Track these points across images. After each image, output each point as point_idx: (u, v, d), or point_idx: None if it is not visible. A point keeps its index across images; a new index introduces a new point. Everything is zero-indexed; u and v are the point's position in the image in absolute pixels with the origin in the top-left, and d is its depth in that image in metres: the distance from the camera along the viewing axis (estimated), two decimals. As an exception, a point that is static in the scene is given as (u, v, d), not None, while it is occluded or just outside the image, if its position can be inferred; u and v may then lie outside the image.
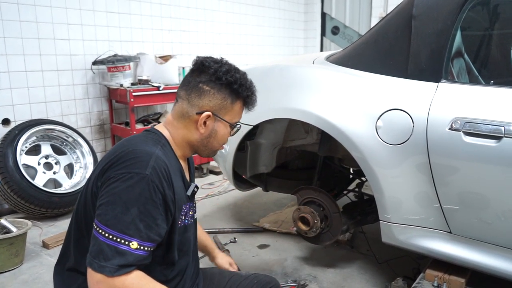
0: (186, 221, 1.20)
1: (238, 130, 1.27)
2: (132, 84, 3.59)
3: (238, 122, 1.25)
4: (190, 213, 1.22)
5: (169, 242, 1.14)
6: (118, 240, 0.99)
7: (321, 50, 6.24)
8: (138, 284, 1.01)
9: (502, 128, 1.48)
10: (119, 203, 1.00)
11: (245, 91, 1.19)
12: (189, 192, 1.20)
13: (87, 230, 1.11)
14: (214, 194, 3.62)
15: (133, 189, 1.01)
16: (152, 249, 1.05)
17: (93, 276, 0.99)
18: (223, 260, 1.56)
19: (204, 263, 2.38)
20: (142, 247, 1.02)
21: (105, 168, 1.07)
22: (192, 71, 1.20)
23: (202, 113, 1.16)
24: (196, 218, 1.35)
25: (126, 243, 0.99)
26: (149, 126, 1.33)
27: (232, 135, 1.27)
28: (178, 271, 1.22)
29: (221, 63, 1.18)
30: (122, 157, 1.06)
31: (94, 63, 3.54)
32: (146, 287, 1.02)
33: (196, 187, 1.24)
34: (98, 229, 1.01)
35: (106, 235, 0.99)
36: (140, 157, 1.05)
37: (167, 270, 1.18)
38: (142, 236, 1.01)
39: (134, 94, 3.45)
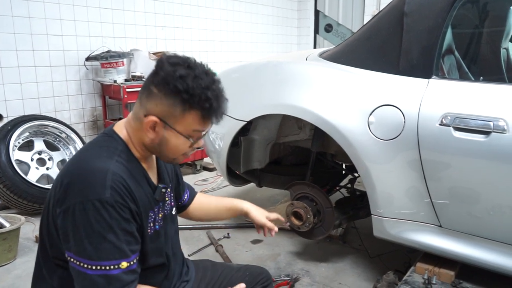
0: (157, 226, 1.16)
1: (199, 141, 1.11)
2: (126, 80, 3.59)
3: (202, 131, 1.08)
4: (160, 215, 1.17)
5: (143, 253, 1.11)
6: (108, 268, 0.98)
7: (315, 48, 6.26)
8: None
9: (491, 123, 1.51)
10: (93, 235, 0.97)
11: (198, 102, 1.01)
12: (156, 196, 1.15)
13: (52, 251, 1.08)
14: (208, 190, 3.63)
15: (101, 216, 0.97)
16: (138, 257, 1.06)
17: None
18: (261, 216, 1.44)
19: (202, 255, 2.40)
20: (131, 262, 1.02)
21: (60, 192, 1.01)
22: (153, 69, 1.05)
23: (148, 116, 1.04)
24: (175, 214, 1.31)
25: (116, 266, 0.98)
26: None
27: (195, 148, 1.14)
28: (157, 274, 1.19)
29: (179, 66, 1.01)
30: (77, 180, 1.00)
31: (88, 59, 3.54)
32: None
33: (164, 188, 1.17)
34: (82, 264, 0.98)
35: (94, 267, 0.97)
36: (94, 178, 0.99)
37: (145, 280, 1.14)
38: (127, 254, 1.01)
39: (127, 90, 3.45)
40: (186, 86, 1.00)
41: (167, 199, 1.25)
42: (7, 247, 2.32)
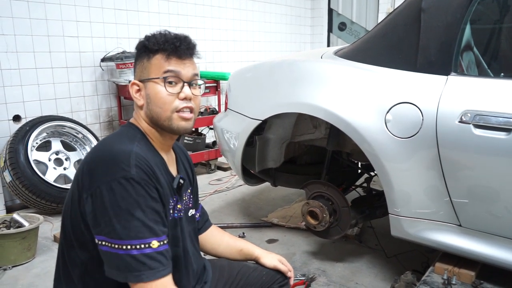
0: (176, 215, 1.16)
1: (184, 90, 1.12)
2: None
3: (170, 71, 1.11)
4: (178, 206, 1.18)
5: None
6: (138, 246, 0.97)
7: (328, 46, 6.22)
8: None
9: (513, 121, 1.47)
10: (121, 213, 0.97)
11: (156, 45, 1.11)
12: (174, 184, 1.16)
13: (76, 240, 1.07)
14: (222, 189, 3.64)
15: (128, 193, 0.98)
16: (167, 240, 1.05)
17: None
18: (272, 259, 1.42)
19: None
20: (161, 242, 1.01)
21: (85, 177, 1.03)
22: None
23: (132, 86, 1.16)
24: (197, 217, 1.32)
25: (147, 245, 0.98)
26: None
27: (186, 101, 1.13)
28: (175, 268, 1.17)
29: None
30: (101, 163, 1.02)
31: (103, 60, 3.57)
32: None
33: (182, 178, 1.18)
34: (113, 245, 0.98)
35: (124, 247, 0.97)
36: (118, 159, 1.01)
37: None
38: (157, 233, 1.00)
39: (142, 90, 3.46)
40: (145, 39, 1.14)
41: (185, 198, 1.25)
42: (26, 246, 2.36)
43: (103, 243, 0.99)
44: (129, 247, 0.97)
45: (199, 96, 1.19)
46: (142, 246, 0.98)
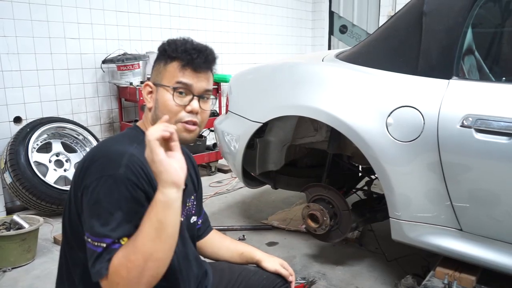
0: None
1: (192, 103, 1.10)
2: (141, 82, 3.61)
3: (182, 82, 1.10)
4: None
5: None
6: (109, 244, 0.96)
7: (329, 49, 6.22)
8: (123, 254, 0.95)
9: (514, 125, 1.47)
10: (102, 211, 0.97)
11: (175, 52, 1.10)
12: None
13: (75, 240, 1.07)
14: (223, 192, 3.63)
15: (111, 192, 0.97)
16: None
17: (105, 281, 0.97)
18: (274, 263, 1.40)
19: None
20: None
21: (80, 175, 1.04)
22: None
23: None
24: (198, 224, 1.31)
25: (117, 241, 0.97)
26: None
27: (193, 114, 1.11)
28: (173, 272, 1.14)
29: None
30: (94, 162, 1.03)
31: (104, 61, 3.57)
32: (131, 248, 0.95)
33: (184, 184, 1.16)
34: (92, 241, 0.97)
35: (96, 244, 0.97)
36: (111, 158, 1.01)
37: None
38: (131, 233, 0.97)
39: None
40: (167, 43, 1.14)
41: (188, 204, 1.24)
42: (26, 248, 2.35)
43: (85, 237, 0.99)
44: (103, 244, 0.96)
45: (207, 111, 1.16)
46: (112, 242, 0.96)
